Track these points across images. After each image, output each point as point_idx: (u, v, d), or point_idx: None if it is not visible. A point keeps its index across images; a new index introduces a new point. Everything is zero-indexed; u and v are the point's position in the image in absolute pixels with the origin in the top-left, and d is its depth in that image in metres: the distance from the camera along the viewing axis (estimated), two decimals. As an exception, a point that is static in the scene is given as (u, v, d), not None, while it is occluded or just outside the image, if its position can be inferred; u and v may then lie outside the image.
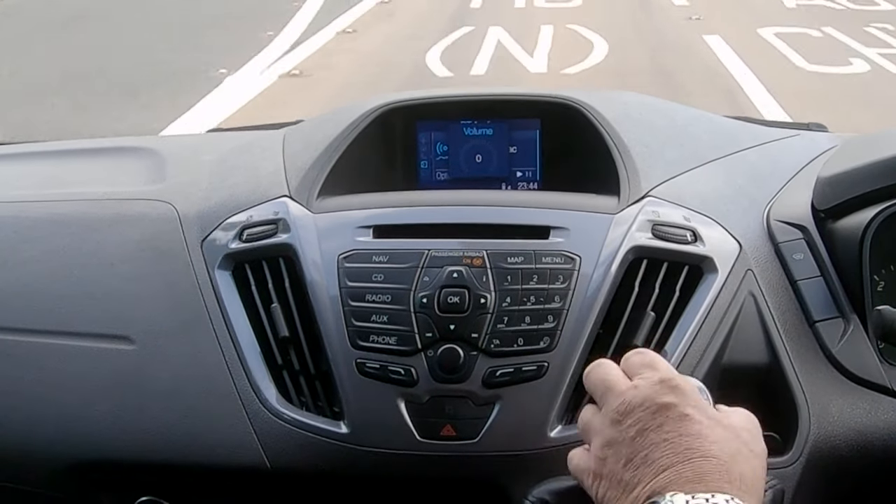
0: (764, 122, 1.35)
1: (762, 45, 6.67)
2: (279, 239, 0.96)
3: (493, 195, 1.05)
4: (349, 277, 0.90)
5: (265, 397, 0.90)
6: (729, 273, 0.93)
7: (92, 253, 1.04)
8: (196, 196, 1.08)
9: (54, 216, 1.09)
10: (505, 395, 0.86)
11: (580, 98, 1.10)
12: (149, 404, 0.93)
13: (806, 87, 5.52)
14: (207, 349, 0.93)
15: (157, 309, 0.97)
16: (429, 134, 1.14)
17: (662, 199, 0.98)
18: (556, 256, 0.90)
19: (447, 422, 0.86)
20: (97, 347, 0.97)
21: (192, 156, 1.24)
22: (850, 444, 0.87)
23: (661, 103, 1.26)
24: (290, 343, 0.92)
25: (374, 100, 1.13)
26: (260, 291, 0.95)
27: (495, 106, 1.14)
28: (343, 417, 0.88)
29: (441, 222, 0.95)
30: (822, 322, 0.92)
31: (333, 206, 0.99)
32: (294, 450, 0.89)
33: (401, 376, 0.87)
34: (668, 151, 1.07)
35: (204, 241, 1.01)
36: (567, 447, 0.86)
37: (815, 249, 0.96)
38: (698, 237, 0.94)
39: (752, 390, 0.89)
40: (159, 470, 0.93)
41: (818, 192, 1.00)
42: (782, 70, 5.92)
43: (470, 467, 0.88)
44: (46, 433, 0.94)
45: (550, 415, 0.86)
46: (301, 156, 1.07)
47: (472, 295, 0.87)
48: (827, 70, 5.93)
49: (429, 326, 0.87)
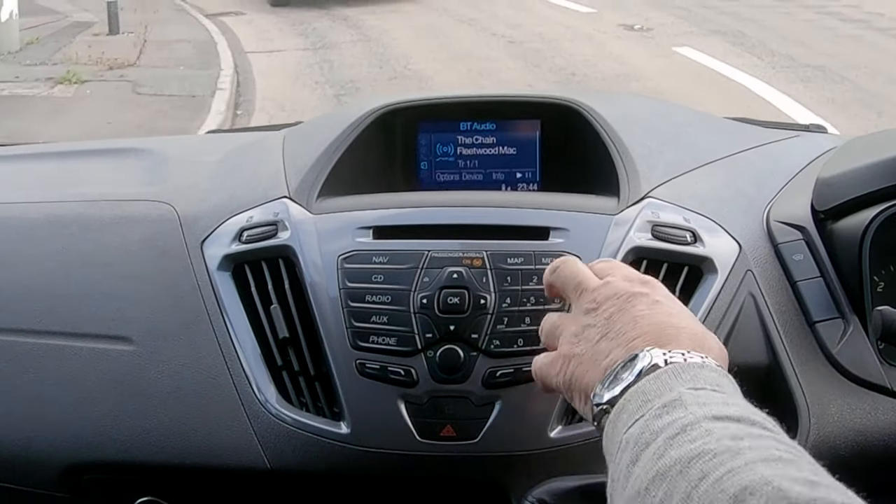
0: (764, 123, 1.35)
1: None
2: (279, 240, 0.96)
3: (493, 196, 1.05)
4: (349, 278, 0.90)
5: (265, 398, 0.91)
6: (729, 274, 0.93)
7: (91, 254, 1.04)
8: (196, 197, 1.08)
9: (54, 217, 1.09)
10: (505, 395, 0.86)
11: (580, 99, 1.10)
12: (148, 405, 0.93)
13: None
14: (207, 350, 0.93)
15: (156, 310, 0.97)
16: (429, 135, 1.14)
17: (662, 200, 0.98)
18: (556, 257, 0.90)
19: (447, 422, 0.87)
20: (96, 348, 0.97)
21: (191, 157, 1.24)
22: (850, 445, 0.87)
23: (661, 104, 1.26)
24: (290, 344, 0.92)
25: (375, 101, 1.13)
26: (260, 292, 0.95)
27: (495, 107, 1.14)
28: (343, 418, 0.88)
29: (441, 223, 0.95)
30: (821, 322, 0.92)
31: (333, 207, 0.99)
32: (294, 450, 0.89)
33: (401, 377, 0.87)
34: (668, 152, 1.07)
35: (204, 242, 1.01)
36: (567, 447, 0.86)
37: (814, 250, 0.96)
38: (698, 238, 0.94)
39: (752, 391, 0.89)
40: (159, 471, 0.93)
41: (818, 192, 1.00)
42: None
43: (470, 468, 0.88)
44: (46, 434, 0.94)
45: (550, 415, 0.87)
46: (301, 157, 1.07)
47: (472, 296, 0.87)
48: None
49: (429, 327, 0.87)
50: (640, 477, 0.56)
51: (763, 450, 0.54)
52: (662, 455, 0.56)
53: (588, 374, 0.69)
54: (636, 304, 0.71)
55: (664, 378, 0.63)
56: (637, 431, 0.60)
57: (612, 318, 0.70)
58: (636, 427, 0.60)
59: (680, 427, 0.57)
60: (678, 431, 0.57)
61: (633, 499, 0.56)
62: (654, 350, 0.65)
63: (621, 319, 0.70)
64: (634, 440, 0.59)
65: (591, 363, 0.69)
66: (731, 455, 0.53)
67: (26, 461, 0.95)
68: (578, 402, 0.71)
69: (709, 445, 0.55)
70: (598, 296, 0.73)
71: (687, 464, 0.54)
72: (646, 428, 0.59)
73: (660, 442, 0.57)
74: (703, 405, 0.59)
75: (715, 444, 0.54)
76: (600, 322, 0.71)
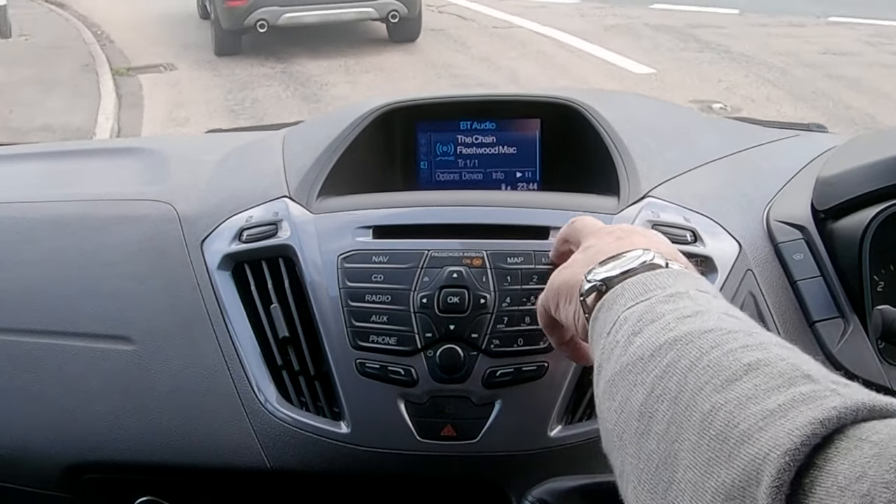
0: (764, 122, 1.35)
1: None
2: (279, 239, 0.96)
3: (493, 195, 1.05)
4: (349, 278, 0.90)
5: (265, 398, 0.91)
6: (729, 273, 0.93)
7: (91, 253, 1.04)
8: (196, 196, 1.08)
9: (54, 217, 1.09)
10: (505, 395, 0.86)
11: (580, 99, 1.10)
12: (148, 405, 0.93)
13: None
14: (207, 350, 0.93)
15: (156, 309, 0.97)
16: (428, 134, 1.14)
17: (662, 200, 0.98)
18: None
19: (447, 422, 0.87)
20: (97, 348, 0.97)
21: (191, 156, 1.24)
22: None
23: (661, 104, 1.26)
24: (290, 343, 0.92)
25: (374, 100, 1.13)
26: (260, 292, 0.95)
27: (495, 106, 1.14)
28: (343, 418, 0.88)
29: (441, 223, 0.95)
30: (821, 322, 0.92)
31: (333, 207, 0.99)
32: (294, 450, 0.89)
33: (401, 376, 0.87)
34: (668, 152, 1.07)
35: (204, 241, 1.01)
36: (567, 447, 0.86)
37: (814, 249, 0.96)
38: (698, 237, 0.94)
39: None
40: (159, 470, 0.93)
41: (818, 192, 1.00)
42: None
43: (470, 467, 0.88)
44: (46, 433, 0.94)
45: (550, 415, 0.87)
46: (301, 156, 1.07)
47: (472, 295, 0.87)
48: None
49: (429, 327, 0.87)
50: (644, 346, 0.55)
51: (779, 342, 0.52)
52: (672, 329, 0.54)
53: (581, 272, 0.67)
54: (637, 232, 0.72)
55: (665, 276, 0.61)
56: (641, 310, 0.58)
57: (612, 235, 0.71)
58: (639, 307, 0.58)
59: (692, 311, 0.55)
60: (689, 314, 0.55)
61: (632, 365, 0.55)
62: (658, 256, 0.65)
63: (621, 237, 0.70)
64: (637, 317, 0.57)
65: (585, 263, 0.68)
66: (745, 335, 0.52)
67: (26, 461, 0.95)
68: (564, 304, 0.70)
69: (724, 324, 0.53)
70: (606, 228, 0.74)
71: (700, 335, 0.52)
72: (650, 309, 0.57)
73: (669, 318, 0.55)
74: (712, 300, 0.58)
75: (730, 325, 0.53)
76: (601, 242, 0.71)
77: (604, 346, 0.60)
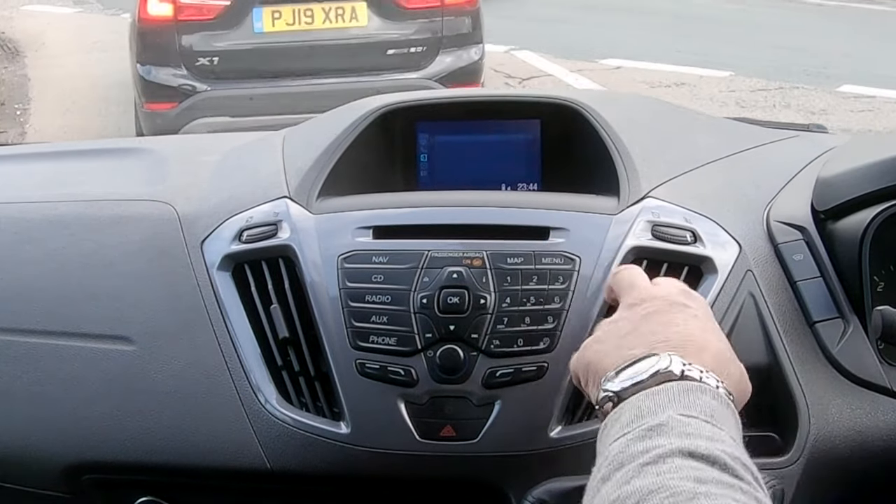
0: (764, 123, 1.35)
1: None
2: (279, 240, 0.96)
3: (493, 196, 1.05)
4: (349, 278, 0.90)
5: (265, 398, 0.91)
6: (729, 274, 0.93)
7: (91, 253, 1.04)
8: (196, 197, 1.08)
9: (54, 217, 1.09)
10: (505, 395, 0.86)
11: (580, 99, 1.10)
12: (148, 405, 0.93)
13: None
14: (207, 350, 0.93)
15: (156, 310, 0.97)
16: (428, 135, 1.14)
17: (662, 200, 0.98)
18: (556, 257, 0.90)
19: (447, 422, 0.87)
20: (97, 348, 0.97)
21: (191, 157, 1.24)
22: (849, 445, 0.88)
23: (661, 105, 1.26)
24: (290, 344, 0.92)
25: (374, 100, 1.13)
26: (260, 292, 0.95)
27: (495, 107, 1.14)
28: (343, 418, 0.88)
29: (441, 223, 0.95)
30: (821, 322, 0.92)
31: (333, 207, 0.99)
32: (294, 450, 0.89)
33: (401, 377, 0.87)
34: (668, 152, 1.07)
35: (204, 241, 1.00)
36: (567, 447, 0.86)
37: (814, 250, 0.96)
38: (698, 238, 0.94)
39: (752, 391, 0.89)
40: (159, 471, 0.93)
41: (818, 192, 1.00)
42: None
43: (470, 468, 0.88)
44: (46, 434, 0.94)
45: (550, 415, 0.87)
46: (301, 156, 1.07)
47: (472, 296, 0.87)
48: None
49: (429, 327, 0.87)
50: (604, 498, 0.58)
51: (719, 499, 0.55)
52: (629, 482, 0.58)
53: (607, 359, 0.71)
54: (675, 312, 0.72)
55: (663, 396, 0.64)
56: (618, 448, 0.61)
57: (647, 317, 0.72)
58: (618, 444, 0.62)
59: (654, 457, 0.58)
60: (651, 461, 0.58)
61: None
62: (675, 357, 0.66)
63: (656, 320, 0.72)
64: (612, 457, 0.61)
65: (614, 350, 0.71)
66: (685, 498, 0.55)
67: (26, 461, 0.95)
68: (591, 387, 0.72)
69: (671, 482, 0.56)
70: (644, 294, 0.75)
71: (645, 496, 0.56)
72: (626, 448, 0.61)
73: (632, 467, 0.59)
74: (686, 436, 0.60)
75: (676, 483, 0.56)
76: (636, 318, 0.73)
77: (591, 476, 0.63)
